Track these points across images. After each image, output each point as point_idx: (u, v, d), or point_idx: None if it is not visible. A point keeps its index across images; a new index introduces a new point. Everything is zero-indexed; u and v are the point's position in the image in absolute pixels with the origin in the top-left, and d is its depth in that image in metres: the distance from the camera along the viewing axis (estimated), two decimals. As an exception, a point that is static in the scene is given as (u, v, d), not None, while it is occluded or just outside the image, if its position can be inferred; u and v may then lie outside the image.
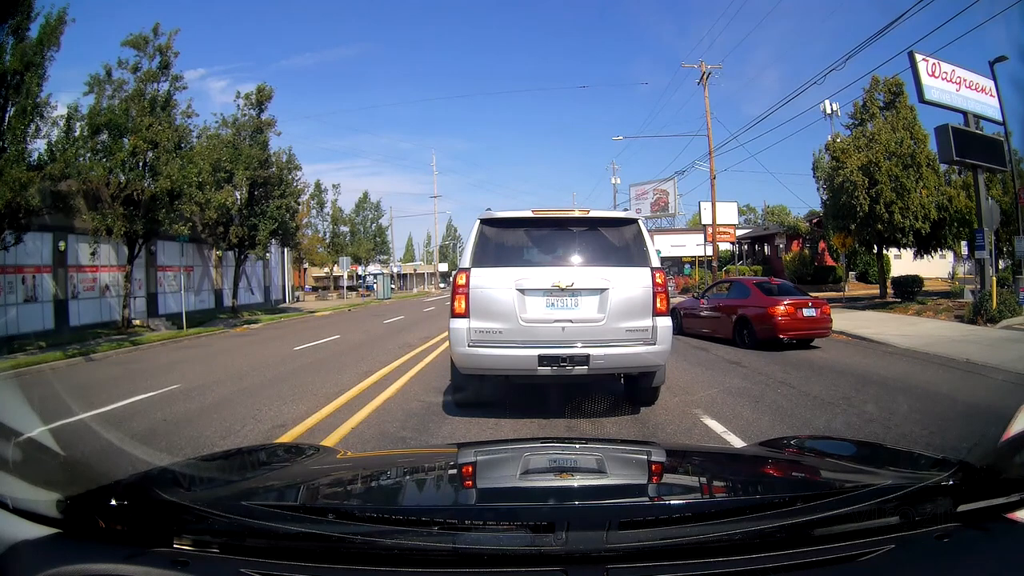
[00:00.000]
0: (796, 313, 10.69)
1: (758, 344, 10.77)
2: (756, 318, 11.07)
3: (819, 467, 1.86)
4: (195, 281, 23.61)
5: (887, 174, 18.34)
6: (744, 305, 11.58)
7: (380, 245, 53.79)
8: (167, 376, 8.98)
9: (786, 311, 10.75)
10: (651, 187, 46.61)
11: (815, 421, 5.49)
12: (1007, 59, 15.22)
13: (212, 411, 6.43)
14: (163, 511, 1.17)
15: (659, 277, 5.27)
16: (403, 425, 5.48)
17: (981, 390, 6.77)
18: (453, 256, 70.92)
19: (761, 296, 11.50)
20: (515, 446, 2.32)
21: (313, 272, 53.77)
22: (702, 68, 26.32)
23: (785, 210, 48.87)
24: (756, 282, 12.92)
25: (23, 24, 11.79)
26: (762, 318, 10.94)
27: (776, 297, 11.29)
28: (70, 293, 16.57)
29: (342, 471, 1.92)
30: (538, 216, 5.62)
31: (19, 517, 1.14)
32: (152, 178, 15.63)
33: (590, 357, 5.06)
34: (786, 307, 10.81)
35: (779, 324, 10.65)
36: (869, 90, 20.17)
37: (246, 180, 21.12)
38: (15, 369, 10.08)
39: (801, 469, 1.87)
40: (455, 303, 5.26)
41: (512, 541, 1.11)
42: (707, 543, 1.10)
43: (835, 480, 1.67)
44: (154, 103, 16.00)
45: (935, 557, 1.12)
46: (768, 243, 37.38)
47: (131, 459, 4.36)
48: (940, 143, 14.90)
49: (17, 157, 11.45)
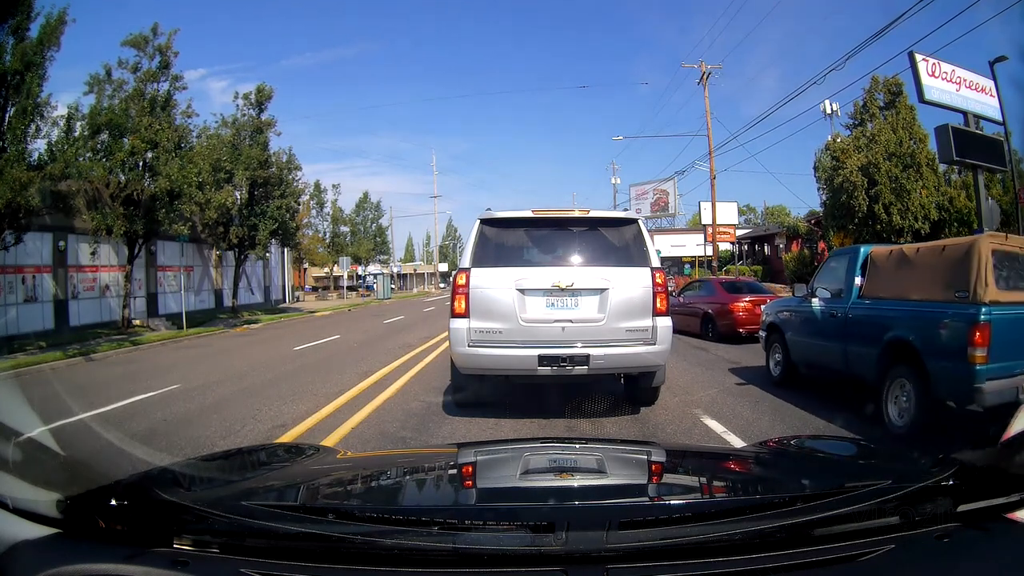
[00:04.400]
0: (755, 309, 11.13)
1: (720, 337, 11.75)
2: (718, 313, 12.07)
3: (819, 467, 1.86)
4: (195, 281, 23.61)
5: (886, 175, 18.36)
6: (710, 302, 12.62)
7: (380, 245, 53.80)
8: (167, 376, 8.99)
9: (745, 307, 11.58)
10: (651, 187, 46.63)
11: (815, 421, 5.49)
12: (1007, 59, 15.24)
13: (212, 411, 6.43)
14: (163, 511, 1.17)
15: (659, 277, 5.28)
16: (403, 425, 5.48)
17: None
18: (453, 256, 70.92)
19: (724, 294, 12.50)
20: (515, 446, 2.32)
21: (313, 272, 53.78)
22: (702, 68, 26.33)
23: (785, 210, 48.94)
24: (722, 281, 14.32)
25: (23, 24, 11.80)
26: (723, 314, 11.93)
27: (737, 295, 12.21)
28: (70, 293, 16.57)
29: (342, 471, 1.92)
30: (538, 216, 5.62)
31: (19, 517, 1.14)
32: (152, 178, 15.64)
33: (590, 357, 5.06)
34: (746, 304, 11.64)
35: (738, 319, 11.53)
36: (869, 90, 20.17)
37: (246, 180, 21.13)
38: (15, 369, 10.08)
39: (801, 469, 1.87)
40: (455, 303, 5.26)
41: (512, 541, 1.11)
42: (707, 543, 1.10)
43: (835, 480, 1.67)
44: (154, 103, 16.01)
45: (935, 557, 1.12)
46: (768, 243, 37.36)
47: (131, 459, 4.36)
48: (940, 143, 14.89)
49: (17, 157, 11.46)
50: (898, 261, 5.54)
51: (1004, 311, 4.42)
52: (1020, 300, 4.60)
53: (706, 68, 26.27)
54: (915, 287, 5.18)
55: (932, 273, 5.04)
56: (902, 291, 5.32)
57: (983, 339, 4.30)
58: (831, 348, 6.07)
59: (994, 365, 4.33)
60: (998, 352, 4.34)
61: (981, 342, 4.30)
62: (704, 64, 26.37)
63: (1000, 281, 4.53)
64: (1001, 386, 4.35)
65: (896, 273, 5.49)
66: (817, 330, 6.39)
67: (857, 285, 5.88)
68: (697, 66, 26.49)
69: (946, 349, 4.58)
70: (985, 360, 4.31)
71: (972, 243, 4.76)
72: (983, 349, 4.30)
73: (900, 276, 5.43)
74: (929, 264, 5.15)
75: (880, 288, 5.62)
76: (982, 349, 4.30)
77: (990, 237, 4.96)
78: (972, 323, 4.37)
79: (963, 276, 4.60)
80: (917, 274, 5.22)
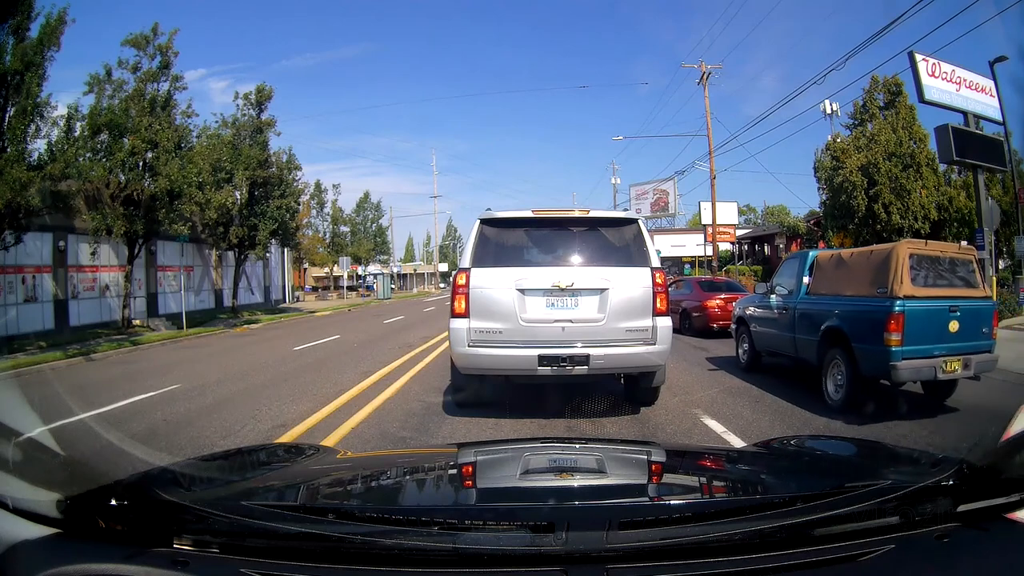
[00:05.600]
0: (727, 306, 11.68)
1: (696, 332, 12.59)
2: (693, 310, 13.00)
3: (819, 467, 1.86)
4: (195, 281, 23.60)
5: (886, 175, 18.37)
6: (687, 299, 13.44)
7: (380, 245, 53.78)
8: (167, 376, 8.99)
9: (718, 305, 12.34)
10: (651, 187, 46.61)
11: (815, 421, 5.49)
12: (1007, 59, 15.26)
13: (212, 411, 6.43)
14: (163, 511, 1.17)
15: (659, 277, 5.28)
16: (403, 425, 5.48)
17: (980, 390, 6.77)
18: (453, 256, 70.92)
19: (699, 292, 13.37)
20: (515, 446, 2.32)
21: (313, 272, 53.78)
22: (702, 68, 26.33)
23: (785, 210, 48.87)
24: (699, 280, 15.30)
25: (23, 24, 11.79)
26: (697, 310, 12.83)
27: (712, 293, 13.01)
28: (70, 293, 16.56)
29: (342, 471, 1.92)
30: (538, 216, 5.62)
31: (19, 517, 1.14)
32: (152, 178, 15.63)
33: (590, 357, 5.06)
34: (719, 301, 12.38)
35: (711, 315, 12.33)
36: (869, 90, 20.19)
37: (246, 180, 21.11)
38: (15, 369, 10.09)
39: (801, 469, 1.87)
40: (455, 303, 5.26)
41: (512, 541, 1.11)
42: (707, 543, 1.10)
43: (835, 480, 1.67)
44: (154, 103, 16.00)
45: (935, 557, 1.12)
46: (768, 243, 37.37)
47: (131, 459, 4.35)
48: (940, 143, 14.91)
49: (17, 157, 11.44)
50: (837, 263, 6.45)
51: (918, 304, 5.29)
52: (934, 295, 5.44)
53: (706, 68, 26.27)
54: (849, 285, 6.07)
55: (862, 273, 5.90)
56: (839, 288, 6.22)
57: (897, 326, 5.20)
58: (785, 337, 7.08)
59: (908, 348, 5.23)
60: (912, 337, 5.22)
61: (895, 328, 5.21)
62: (704, 64, 26.37)
63: (917, 280, 5.41)
64: (915, 365, 5.26)
65: (835, 273, 6.40)
66: (774, 322, 7.42)
67: (805, 284, 6.82)
68: (697, 66, 26.49)
69: (869, 335, 5.48)
70: (900, 343, 5.20)
71: (892, 248, 5.60)
72: (897, 334, 5.20)
73: (838, 276, 6.33)
74: (860, 266, 6.01)
75: (822, 286, 6.54)
76: (896, 334, 5.20)
77: (908, 243, 5.77)
78: (888, 313, 5.25)
79: (884, 276, 5.48)
80: (850, 274, 6.11)
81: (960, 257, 5.87)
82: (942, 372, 5.35)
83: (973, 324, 5.55)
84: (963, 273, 5.74)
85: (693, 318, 12.95)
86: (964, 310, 5.45)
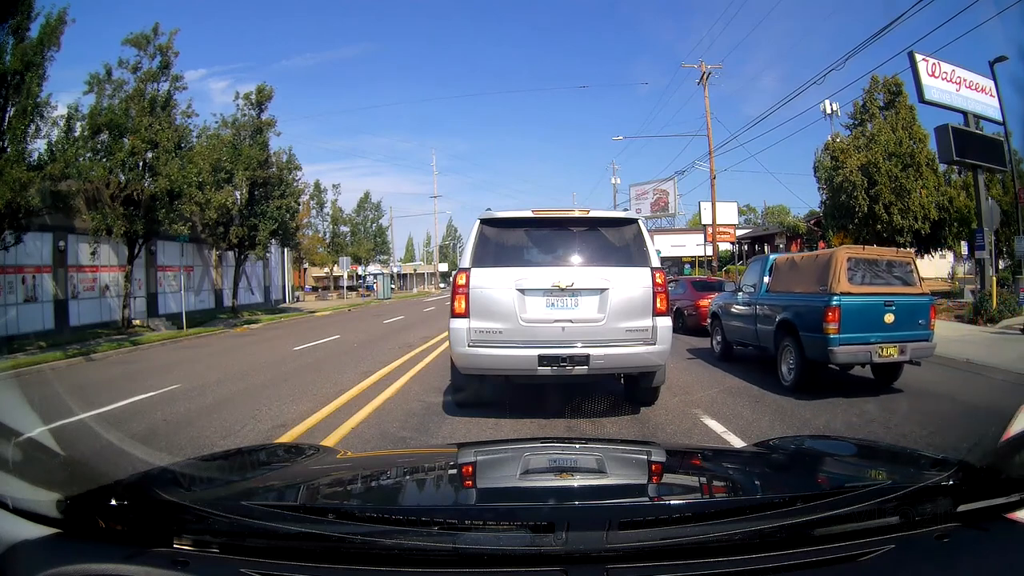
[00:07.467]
0: None
1: (689, 331, 12.84)
2: (687, 309, 13.32)
3: (819, 467, 1.86)
4: (195, 281, 23.60)
5: (886, 175, 18.37)
6: (681, 299, 13.68)
7: (380, 245, 53.74)
8: (167, 376, 8.98)
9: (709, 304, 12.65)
10: (651, 187, 46.64)
11: (815, 421, 5.49)
12: (1007, 59, 15.24)
13: (212, 411, 6.43)
14: (163, 511, 1.17)
15: (659, 277, 5.27)
16: (403, 425, 5.48)
17: (981, 390, 6.78)
18: (453, 256, 70.91)
19: (693, 291, 13.76)
20: (515, 446, 2.32)
21: (313, 272, 53.76)
22: (702, 68, 26.35)
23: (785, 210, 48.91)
24: (693, 280, 15.60)
25: (23, 24, 11.77)
26: (690, 309, 13.17)
27: (705, 292, 13.24)
28: (70, 293, 16.56)
29: (342, 471, 1.92)
30: (538, 216, 5.61)
31: (19, 517, 1.14)
32: (152, 178, 15.62)
33: (590, 357, 5.06)
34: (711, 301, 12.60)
35: (704, 314, 12.21)
36: (869, 90, 20.19)
37: (246, 180, 21.09)
38: (15, 369, 10.08)
39: (801, 469, 1.87)
40: (455, 303, 5.25)
41: (512, 541, 1.11)
42: (707, 543, 1.10)
43: (835, 480, 1.67)
44: (154, 103, 15.99)
45: (935, 557, 1.12)
46: (768, 243, 37.38)
47: (131, 459, 4.34)
48: (940, 143, 14.91)
49: (17, 157, 11.44)
50: (791, 266, 7.50)
51: (853, 299, 6.21)
52: (869, 292, 6.32)
53: (706, 68, 26.29)
54: (799, 284, 7.04)
55: (809, 274, 6.85)
56: (792, 287, 7.20)
57: (834, 317, 6.13)
58: (749, 329, 8.11)
59: (845, 335, 6.13)
60: (848, 327, 6.13)
61: (832, 319, 6.14)
62: (704, 64, 26.41)
63: (854, 279, 6.32)
64: (851, 350, 6.16)
65: (789, 274, 7.40)
66: (741, 316, 8.46)
67: (766, 283, 7.86)
68: (697, 66, 26.52)
69: (813, 325, 6.38)
70: (837, 332, 6.13)
71: (833, 253, 6.62)
72: (835, 324, 6.13)
73: (791, 276, 7.30)
74: (808, 267, 6.98)
75: (779, 285, 7.56)
76: (834, 324, 6.13)
77: (847, 249, 6.79)
78: (827, 307, 6.19)
79: (825, 275, 6.41)
80: (801, 275, 7.08)
81: (898, 259, 6.72)
82: (878, 356, 6.21)
83: (909, 317, 6.36)
84: (900, 273, 6.58)
85: (686, 317, 13.29)
86: (900, 304, 6.29)
